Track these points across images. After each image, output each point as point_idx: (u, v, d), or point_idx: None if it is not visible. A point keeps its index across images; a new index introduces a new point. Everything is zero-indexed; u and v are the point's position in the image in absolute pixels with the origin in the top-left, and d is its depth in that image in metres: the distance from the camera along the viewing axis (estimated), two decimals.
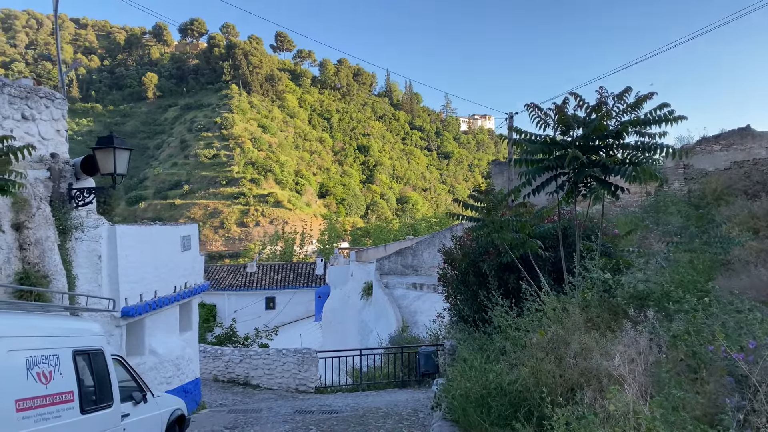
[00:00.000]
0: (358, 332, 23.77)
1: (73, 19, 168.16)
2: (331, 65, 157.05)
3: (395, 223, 63.65)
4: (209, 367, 16.53)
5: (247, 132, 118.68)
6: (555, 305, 7.34)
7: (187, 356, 11.88)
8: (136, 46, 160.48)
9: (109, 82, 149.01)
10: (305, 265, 37.91)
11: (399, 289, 21.97)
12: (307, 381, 15.24)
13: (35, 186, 8.15)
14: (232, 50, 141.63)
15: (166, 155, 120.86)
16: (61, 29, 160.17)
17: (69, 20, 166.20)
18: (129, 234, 9.91)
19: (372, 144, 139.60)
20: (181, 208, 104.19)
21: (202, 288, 12.67)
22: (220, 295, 34.57)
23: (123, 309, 9.55)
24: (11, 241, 7.70)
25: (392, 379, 15.36)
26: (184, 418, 7.64)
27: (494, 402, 6.45)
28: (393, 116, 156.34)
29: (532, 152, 8.85)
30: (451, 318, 13.46)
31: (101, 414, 5.49)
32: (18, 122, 8.03)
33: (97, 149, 8.47)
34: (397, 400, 13.00)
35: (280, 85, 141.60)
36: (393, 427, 10.34)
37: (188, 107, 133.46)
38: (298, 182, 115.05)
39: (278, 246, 61.60)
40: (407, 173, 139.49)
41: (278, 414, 11.95)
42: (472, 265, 11.62)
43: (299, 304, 34.30)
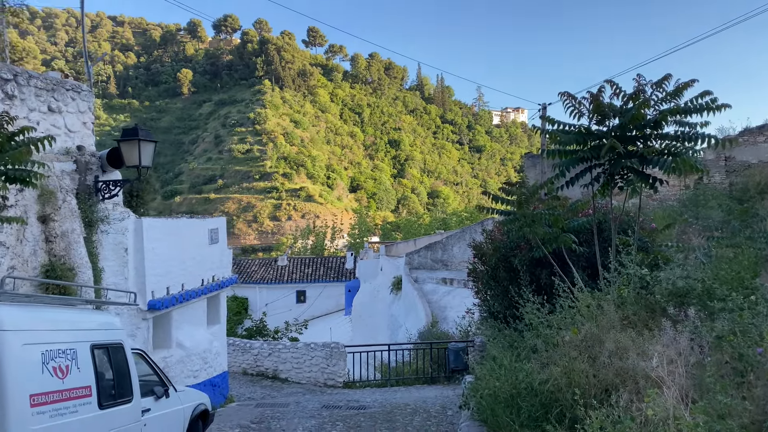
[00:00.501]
0: (388, 327, 23.62)
1: (111, 17, 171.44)
2: (363, 59, 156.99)
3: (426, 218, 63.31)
4: (238, 360, 16.55)
5: (279, 127, 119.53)
6: (589, 302, 7.03)
7: (215, 349, 11.86)
8: (171, 43, 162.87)
9: (145, 78, 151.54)
10: (335, 259, 37.93)
11: (428, 283, 21.73)
12: (336, 375, 15.13)
13: (61, 178, 8.15)
14: (264, 46, 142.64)
15: (201, 150, 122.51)
16: (99, 27, 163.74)
17: (107, 18, 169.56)
18: (155, 227, 9.88)
19: (403, 138, 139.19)
20: (215, 202, 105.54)
21: (230, 281, 12.63)
22: (251, 288, 34.81)
23: (149, 302, 9.53)
24: (37, 234, 7.71)
25: (421, 375, 15.17)
26: (207, 413, 7.56)
27: (524, 402, 6.19)
28: (424, 110, 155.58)
29: (565, 143, 8.52)
30: (481, 314, 13.20)
31: (120, 409, 5.40)
32: (44, 114, 8.03)
33: (122, 141, 8.43)
34: (426, 397, 12.80)
35: (312, 80, 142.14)
36: (421, 424, 10.14)
37: (222, 103, 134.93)
38: (330, 177, 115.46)
39: (309, 240, 61.83)
40: (438, 167, 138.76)
41: (305, 409, 11.86)
42: (502, 259, 11.33)
43: (329, 298, 34.33)
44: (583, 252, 9.78)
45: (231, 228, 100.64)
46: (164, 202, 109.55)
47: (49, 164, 8.04)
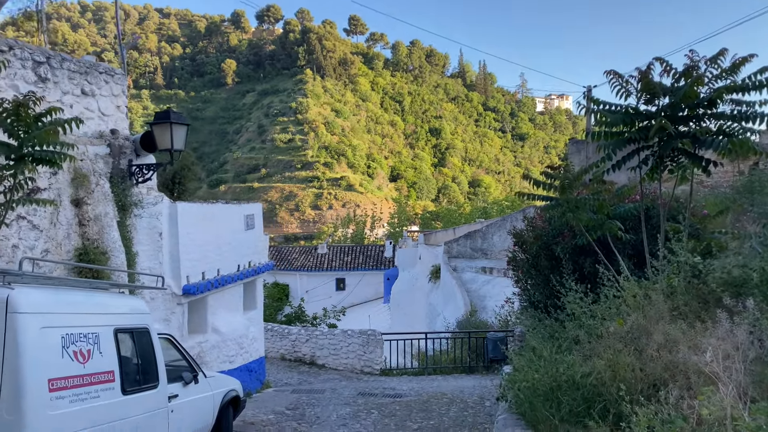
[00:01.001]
0: (426, 315, 23.38)
1: (157, 9, 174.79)
2: (404, 47, 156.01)
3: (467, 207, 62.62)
4: (276, 345, 16.58)
5: (320, 116, 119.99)
6: (636, 291, 6.62)
7: (251, 335, 11.83)
8: (215, 34, 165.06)
9: (190, 69, 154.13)
10: (374, 248, 37.84)
11: (467, 272, 21.37)
12: (372, 363, 14.99)
13: (95, 162, 8.13)
14: (306, 35, 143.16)
15: (245, 140, 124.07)
16: (146, 19, 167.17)
17: (153, 10, 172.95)
18: (190, 211, 9.83)
19: (444, 126, 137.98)
20: (258, 191, 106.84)
21: (266, 267, 12.56)
22: (292, 275, 35.03)
23: (184, 287, 9.50)
24: (71, 217, 7.70)
25: (459, 364, 14.91)
26: (238, 399, 7.46)
27: (565, 396, 5.85)
28: (466, 97, 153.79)
29: (612, 124, 8.04)
30: (521, 303, 12.85)
31: (145, 395, 5.30)
32: (78, 98, 8.00)
33: (154, 125, 8.36)
34: (463, 386, 12.55)
35: (352, 69, 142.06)
36: (457, 415, 9.90)
37: (265, 92, 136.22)
38: (370, 166, 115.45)
39: (350, 229, 61.96)
40: (480, 156, 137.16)
41: (341, 396, 11.75)
42: (544, 247, 10.95)
43: (368, 286, 34.27)
44: (629, 239, 9.31)
45: (273, 216, 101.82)
46: (210, 190, 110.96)
47: (82, 147, 8.03)
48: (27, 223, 7.15)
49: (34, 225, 7.23)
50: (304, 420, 9.59)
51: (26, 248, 7.11)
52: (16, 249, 6.99)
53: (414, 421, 9.51)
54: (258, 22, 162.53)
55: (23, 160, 5.52)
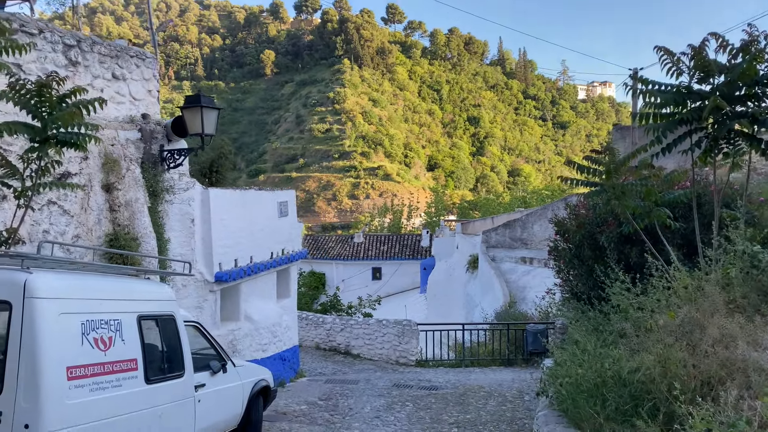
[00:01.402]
0: (463, 306, 23.01)
1: (198, 1, 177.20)
2: (442, 35, 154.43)
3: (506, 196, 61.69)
4: (311, 334, 16.48)
5: (358, 106, 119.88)
6: (687, 282, 6.18)
7: (285, 323, 11.70)
8: (254, 25, 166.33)
9: (230, 60, 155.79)
10: (411, 237, 37.52)
11: (506, 263, 20.88)
12: (408, 353, 14.74)
13: (126, 147, 8.03)
14: (344, 25, 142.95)
15: (283, 130, 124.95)
16: (187, 11, 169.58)
17: (194, 2, 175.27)
18: (223, 197, 9.70)
19: (483, 115, 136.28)
20: (297, 180, 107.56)
21: (299, 255, 12.41)
22: (328, 264, 35.03)
23: (216, 274, 9.39)
24: (101, 202, 7.63)
25: (497, 356, 14.54)
26: (269, 389, 7.28)
27: (611, 393, 5.48)
28: (505, 85, 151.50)
29: (662, 104, 7.53)
30: (563, 294, 12.40)
31: (170, 384, 5.14)
32: (108, 81, 7.91)
33: (185, 109, 8.22)
34: (502, 379, 12.21)
35: (390, 58, 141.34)
36: (495, 409, 9.57)
37: (303, 83, 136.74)
38: (407, 155, 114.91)
39: (386, 218, 61.74)
40: (519, 145, 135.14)
41: (375, 387, 11.54)
42: (587, 236, 10.49)
43: (405, 276, 34.00)
44: (678, 228, 8.79)
45: (311, 206, 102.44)
46: (249, 180, 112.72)
47: (113, 132, 7.94)
48: (58, 208, 7.09)
49: (65, 210, 7.17)
50: (337, 411, 9.41)
51: (57, 233, 7.06)
52: (46, 234, 6.94)
53: (450, 414, 9.23)
54: (296, 12, 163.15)
55: (48, 143, 5.39)
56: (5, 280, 4.00)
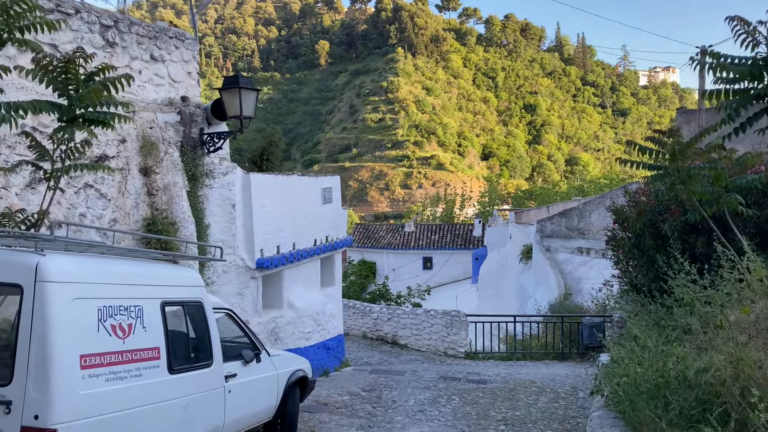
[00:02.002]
0: (516, 297, 22.36)
1: None
2: (498, 21, 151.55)
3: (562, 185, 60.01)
4: (358, 323, 16.26)
5: (411, 95, 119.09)
6: (763, 275, 5.54)
7: (329, 312, 11.46)
8: (309, 15, 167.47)
9: (285, 51, 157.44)
10: (463, 227, 36.86)
11: (562, 253, 20.12)
12: (456, 345, 14.32)
13: (165, 130, 7.89)
14: (398, 13, 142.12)
15: (337, 120, 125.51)
16: (244, 3, 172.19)
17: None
18: (265, 183, 9.50)
19: (539, 102, 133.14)
20: (350, 170, 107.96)
21: (344, 243, 12.14)
22: (379, 253, 34.83)
23: (258, 260, 9.20)
24: (139, 186, 7.50)
25: (550, 350, 13.96)
26: (306, 380, 7.00)
27: (674, 395, 4.93)
28: (563, 72, 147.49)
29: (735, 78, 6.81)
30: (621, 286, 11.72)
31: (196, 374, 4.89)
32: (146, 63, 7.76)
33: (223, 90, 8.01)
34: (555, 374, 11.65)
35: (444, 46, 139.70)
36: (546, 406, 9.06)
37: (357, 72, 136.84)
38: (461, 144, 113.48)
39: (439, 208, 61.09)
40: (578, 133, 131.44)
41: (421, 378, 11.18)
42: (648, 225, 9.80)
43: (456, 265, 33.44)
44: (751, 216, 8.04)
45: (364, 195, 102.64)
46: (303, 170, 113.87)
47: (151, 115, 7.79)
48: (94, 192, 6.99)
49: (102, 194, 7.07)
50: (380, 403, 9.09)
51: (94, 217, 6.96)
52: (83, 218, 6.84)
53: (498, 410, 8.78)
54: (350, 2, 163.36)
55: (75, 122, 5.21)
56: (17, 262, 3.81)
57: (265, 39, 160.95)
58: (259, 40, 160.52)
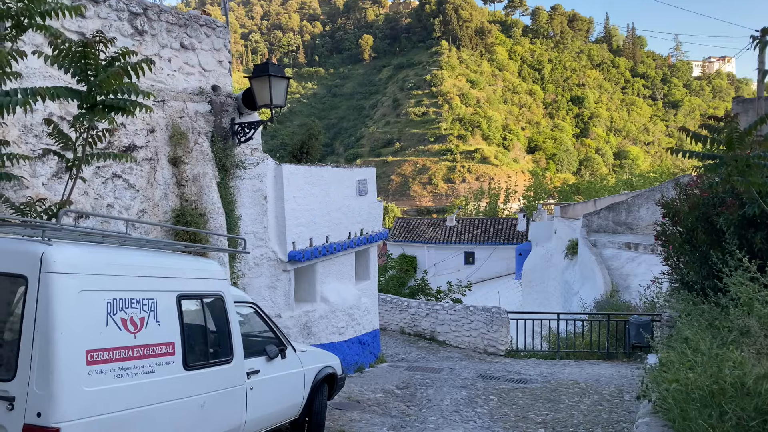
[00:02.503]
0: (561, 294, 21.70)
1: None
2: (544, 13, 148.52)
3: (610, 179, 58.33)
4: (396, 318, 15.98)
5: (455, 88, 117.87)
6: None
7: (363, 306, 11.21)
8: (353, 10, 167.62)
9: (330, 46, 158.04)
10: (506, 221, 36.08)
11: (609, 248, 19.38)
12: (497, 342, 13.90)
13: (195, 120, 7.75)
14: (442, 6, 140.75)
15: (380, 114, 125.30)
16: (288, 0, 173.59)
17: None
18: (297, 174, 9.29)
19: (587, 94, 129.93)
20: (392, 164, 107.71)
21: (379, 236, 11.86)
22: (420, 248, 34.43)
23: (290, 253, 9.01)
24: (168, 177, 7.38)
25: (595, 349, 13.41)
26: (335, 377, 6.76)
27: (730, 404, 4.49)
28: (612, 63, 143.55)
29: None
30: (671, 284, 11.13)
31: (215, 371, 4.69)
32: (176, 51, 7.63)
33: (253, 79, 7.81)
34: (599, 375, 11.15)
35: (489, 38, 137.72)
36: (589, 408, 8.62)
37: (400, 66, 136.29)
38: (506, 137, 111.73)
39: (482, 202, 60.17)
40: (627, 125, 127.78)
41: (459, 377, 10.85)
42: (701, 219, 9.22)
43: (499, 261, 32.77)
44: None
45: (406, 190, 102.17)
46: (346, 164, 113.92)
47: (181, 104, 7.66)
48: (122, 182, 6.90)
49: (130, 184, 6.97)
50: (414, 402, 8.80)
51: (122, 208, 6.87)
52: (110, 208, 6.76)
53: (538, 412, 8.38)
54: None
55: (95, 109, 5.07)
56: (21, 251, 3.66)
57: (309, 34, 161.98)
58: (303, 36, 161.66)
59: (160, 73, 7.42)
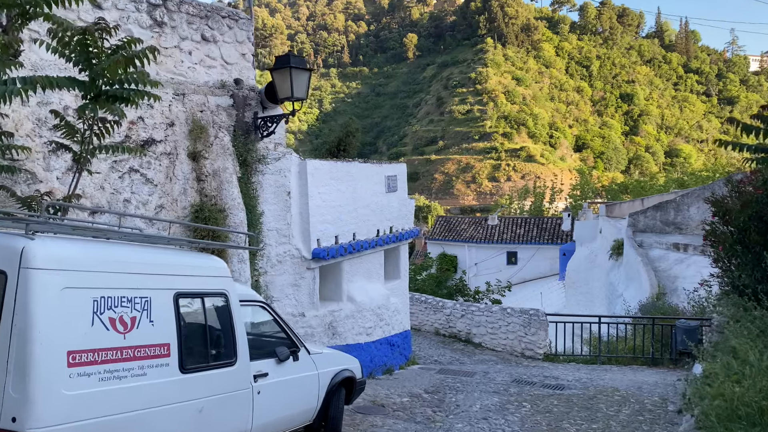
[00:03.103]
0: (605, 296, 20.92)
1: None
2: (593, 8, 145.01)
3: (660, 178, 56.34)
4: (430, 319, 15.61)
5: (500, 85, 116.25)
6: None
7: (393, 306, 10.89)
8: (398, 9, 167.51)
9: (374, 45, 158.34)
10: (550, 220, 35.13)
11: (656, 249, 18.55)
12: (534, 346, 13.38)
13: (216, 113, 7.57)
14: (488, 3, 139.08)
15: (424, 113, 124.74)
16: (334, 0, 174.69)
17: None
18: (322, 169, 9.04)
19: (637, 91, 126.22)
20: (435, 163, 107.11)
21: (410, 234, 11.51)
22: (460, 247, 33.85)
23: (314, 250, 8.76)
24: (187, 171, 7.22)
25: (639, 354, 12.78)
26: (353, 380, 6.45)
27: None
28: (663, 59, 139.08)
29: None
30: (721, 287, 10.43)
31: (216, 374, 4.44)
32: (197, 44, 7.46)
33: (274, 71, 7.58)
34: (642, 382, 10.55)
35: (536, 35, 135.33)
36: (629, 419, 8.08)
37: (444, 64, 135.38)
38: (552, 135, 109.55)
39: (527, 201, 59.03)
40: (679, 123, 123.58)
41: (492, 381, 10.42)
42: (754, 217, 8.57)
43: (543, 261, 31.93)
44: None
45: (450, 188, 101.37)
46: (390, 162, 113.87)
47: (202, 98, 7.49)
48: (140, 177, 6.77)
49: (148, 179, 6.83)
50: (441, 407, 8.43)
51: (139, 203, 6.74)
52: (127, 203, 6.63)
53: (572, 421, 7.90)
54: None
55: (99, 99, 4.91)
56: (2, 246, 3.47)
57: (354, 34, 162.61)
58: (348, 36, 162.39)
59: (180, 66, 7.27)
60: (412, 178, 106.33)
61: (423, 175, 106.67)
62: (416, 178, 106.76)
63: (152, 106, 6.88)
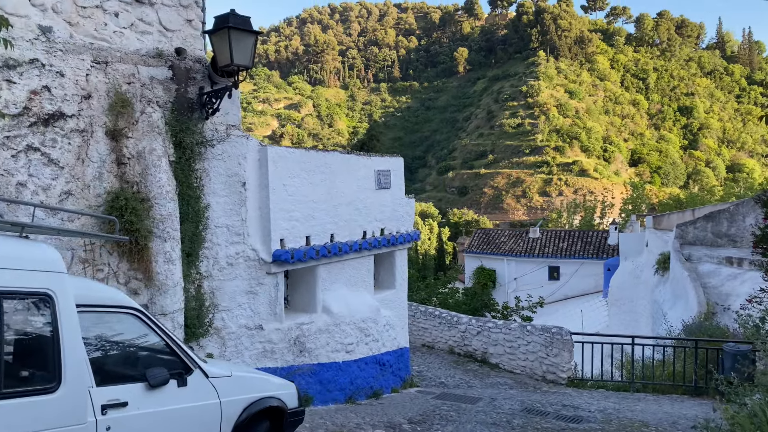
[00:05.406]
0: (650, 315, 18.87)
1: (396, 5, 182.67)
2: (649, 19, 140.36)
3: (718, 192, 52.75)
4: (444, 336, 14.11)
5: (552, 99, 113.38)
6: None
7: (384, 320, 9.49)
8: (449, 24, 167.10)
9: (424, 60, 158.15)
10: (596, 234, 32.83)
11: (706, 263, 16.51)
12: (557, 369, 11.74)
13: (150, 87, 6.45)
14: (540, 16, 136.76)
15: (474, 127, 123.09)
16: (386, 15, 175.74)
17: (392, 6, 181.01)
18: (290, 159, 7.80)
19: (697, 104, 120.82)
20: (485, 177, 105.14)
21: (408, 237, 10.11)
22: (499, 260, 31.99)
23: (275, 252, 7.50)
24: (105, 153, 6.11)
25: (680, 381, 10.98)
26: (282, 411, 5.10)
27: None
28: (725, 71, 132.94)
29: None
30: None
31: (20, 404, 3.21)
32: (127, 5, 6.35)
33: (212, 34, 6.41)
34: (679, 416, 8.86)
35: (590, 47, 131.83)
36: None
37: (495, 78, 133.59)
38: (606, 149, 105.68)
39: (577, 216, 56.32)
40: (742, 137, 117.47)
41: (497, 410, 8.93)
42: None
43: (587, 276, 29.73)
44: None
45: (499, 203, 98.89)
46: (438, 177, 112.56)
47: (131, 67, 6.38)
48: (41, 156, 5.68)
49: (51, 159, 5.74)
50: None
51: (38, 187, 5.65)
52: (22, 187, 5.55)
53: None
54: (491, 7, 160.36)
55: None
56: None
57: (405, 49, 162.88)
58: (399, 51, 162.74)
59: (104, 30, 6.18)
60: (462, 192, 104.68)
61: (472, 189, 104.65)
62: (465, 192, 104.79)
63: (63, 74, 5.81)
